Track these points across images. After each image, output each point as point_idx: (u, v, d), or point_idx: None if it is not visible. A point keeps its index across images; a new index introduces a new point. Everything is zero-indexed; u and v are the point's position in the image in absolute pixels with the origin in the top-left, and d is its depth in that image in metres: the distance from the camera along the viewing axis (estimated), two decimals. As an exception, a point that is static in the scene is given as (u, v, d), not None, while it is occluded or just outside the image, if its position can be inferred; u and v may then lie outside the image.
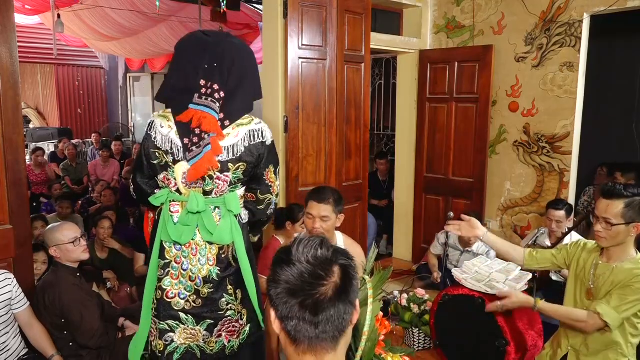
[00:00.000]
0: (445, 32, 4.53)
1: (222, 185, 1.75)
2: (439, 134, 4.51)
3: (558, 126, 3.90)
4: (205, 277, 1.77)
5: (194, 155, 1.68)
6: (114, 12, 6.43)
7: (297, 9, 3.40)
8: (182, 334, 1.79)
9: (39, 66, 9.56)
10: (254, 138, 1.74)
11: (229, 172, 1.73)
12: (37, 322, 2.39)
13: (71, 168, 6.89)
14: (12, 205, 2.63)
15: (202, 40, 1.74)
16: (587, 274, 2.10)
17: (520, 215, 4.21)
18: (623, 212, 1.89)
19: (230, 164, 1.72)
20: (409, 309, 2.94)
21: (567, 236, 3.17)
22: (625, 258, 2.00)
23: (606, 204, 1.93)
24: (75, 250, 2.49)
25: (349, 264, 0.99)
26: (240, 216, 1.85)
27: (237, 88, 1.74)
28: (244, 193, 1.87)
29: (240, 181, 1.79)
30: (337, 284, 0.95)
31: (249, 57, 1.81)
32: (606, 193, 1.94)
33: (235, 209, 1.78)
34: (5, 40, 2.55)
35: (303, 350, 0.96)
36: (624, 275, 1.97)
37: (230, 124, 1.73)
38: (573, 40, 3.75)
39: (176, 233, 1.75)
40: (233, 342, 1.84)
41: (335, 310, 0.94)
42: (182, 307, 1.78)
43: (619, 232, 1.91)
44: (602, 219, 1.93)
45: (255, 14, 6.49)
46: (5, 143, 2.59)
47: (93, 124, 10.38)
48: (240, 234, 1.80)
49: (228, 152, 1.71)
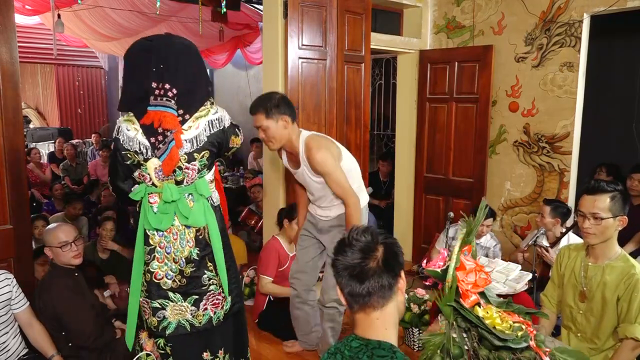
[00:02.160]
0: (445, 32, 4.53)
1: (192, 174, 1.91)
2: (439, 134, 4.51)
3: (558, 126, 3.90)
4: (187, 258, 1.95)
5: (162, 152, 1.86)
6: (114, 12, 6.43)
7: (297, 9, 3.41)
8: (172, 310, 1.97)
9: (39, 66, 9.56)
10: (214, 127, 1.90)
11: (196, 160, 1.89)
12: (37, 322, 2.38)
13: (71, 168, 6.89)
14: (12, 205, 2.63)
15: (145, 46, 1.88)
16: (577, 276, 2.12)
17: (520, 215, 4.21)
18: (609, 206, 1.95)
19: (196, 154, 1.88)
20: (409, 309, 2.94)
21: (565, 237, 3.17)
22: (613, 255, 2.03)
23: (592, 200, 1.98)
24: (64, 254, 2.44)
25: (392, 241, 1.23)
26: (212, 199, 2.02)
27: (187, 83, 1.88)
28: (212, 177, 2.02)
29: (206, 167, 1.95)
30: (380, 258, 1.19)
31: (191, 52, 1.93)
32: (591, 190, 2.01)
33: (205, 192, 1.94)
34: (5, 40, 2.55)
35: (355, 310, 1.22)
36: (616, 274, 1.98)
37: (190, 117, 1.88)
38: (573, 40, 3.75)
39: (156, 221, 1.93)
40: (218, 312, 2.03)
41: (379, 279, 1.18)
42: (170, 286, 1.96)
43: (607, 226, 1.96)
44: (590, 215, 1.98)
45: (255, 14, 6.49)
46: (5, 143, 2.59)
47: (93, 124, 10.38)
48: (212, 216, 1.97)
49: (192, 144, 1.87)
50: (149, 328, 2.02)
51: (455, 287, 1.44)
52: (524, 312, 1.51)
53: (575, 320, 2.15)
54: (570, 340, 2.17)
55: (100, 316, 2.64)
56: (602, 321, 2.04)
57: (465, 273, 1.46)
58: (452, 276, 1.44)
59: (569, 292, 2.17)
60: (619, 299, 1.98)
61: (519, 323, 1.39)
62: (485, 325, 1.32)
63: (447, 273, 1.46)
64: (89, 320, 2.49)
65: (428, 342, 1.38)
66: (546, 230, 3.33)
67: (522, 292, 2.82)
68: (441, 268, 1.52)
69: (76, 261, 2.50)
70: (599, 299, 2.03)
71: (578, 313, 2.13)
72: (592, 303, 2.06)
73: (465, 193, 4.39)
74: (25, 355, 2.38)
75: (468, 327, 1.37)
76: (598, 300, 2.04)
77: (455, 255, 1.48)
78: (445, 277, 1.47)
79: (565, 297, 2.19)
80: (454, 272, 1.44)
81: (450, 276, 1.44)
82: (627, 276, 1.95)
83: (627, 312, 1.94)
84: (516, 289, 2.75)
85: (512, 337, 1.31)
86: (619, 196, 1.97)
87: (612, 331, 2.02)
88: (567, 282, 2.18)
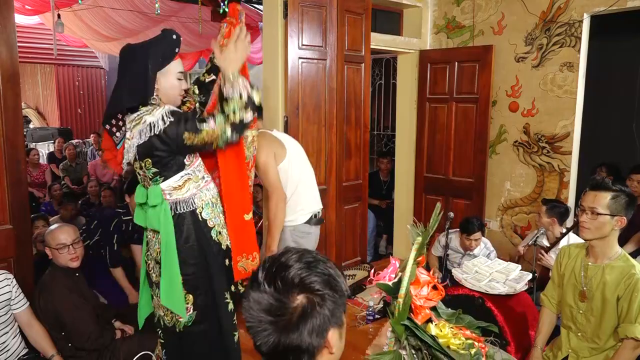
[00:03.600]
0: (445, 32, 4.53)
1: (147, 180, 1.95)
2: (439, 134, 4.51)
3: (558, 126, 3.90)
4: (156, 259, 2.01)
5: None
6: (114, 12, 6.43)
7: (297, 9, 3.40)
8: (155, 302, 2.08)
9: (39, 66, 9.55)
10: (143, 136, 1.84)
11: (143, 169, 1.92)
12: (37, 322, 2.38)
13: (71, 168, 6.88)
14: (12, 205, 2.63)
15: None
16: (577, 276, 2.12)
17: (520, 215, 4.21)
18: (609, 204, 1.97)
19: (140, 162, 1.90)
20: (409, 309, 2.93)
21: (565, 237, 3.17)
22: (613, 255, 2.03)
23: (593, 195, 2.01)
24: (61, 256, 2.44)
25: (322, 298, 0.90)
26: (180, 205, 1.95)
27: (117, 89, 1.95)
28: (178, 184, 1.95)
29: (157, 174, 1.91)
30: (298, 312, 0.88)
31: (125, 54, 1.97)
32: (594, 186, 2.03)
33: (152, 200, 1.92)
34: (5, 40, 2.55)
35: None
36: (616, 274, 1.99)
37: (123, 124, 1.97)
38: (573, 40, 3.75)
39: (137, 217, 2.06)
40: (179, 321, 2.00)
41: (299, 340, 0.88)
42: (154, 280, 2.04)
43: (604, 222, 1.97)
44: (589, 209, 2.00)
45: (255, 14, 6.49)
46: (5, 143, 2.59)
47: (93, 124, 10.37)
48: (167, 224, 1.92)
49: (129, 154, 1.91)
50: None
51: (409, 304, 1.30)
52: (474, 326, 1.38)
53: (576, 320, 2.15)
54: (571, 340, 2.17)
55: (100, 316, 2.64)
56: (603, 321, 2.04)
57: (420, 287, 1.33)
58: (406, 291, 1.29)
59: (569, 292, 2.17)
60: (619, 299, 1.98)
61: (471, 339, 1.29)
62: (439, 346, 1.22)
63: (399, 287, 1.30)
64: (89, 320, 2.49)
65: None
66: (546, 231, 3.33)
67: (522, 292, 2.82)
68: (392, 281, 1.36)
69: (74, 264, 2.48)
70: (599, 298, 2.04)
71: (578, 313, 2.13)
72: (592, 303, 2.07)
73: (465, 193, 4.39)
74: (25, 355, 2.38)
75: (419, 346, 1.26)
76: (598, 300, 2.04)
77: (409, 268, 1.32)
78: (397, 291, 1.31)
79: (565, 297, 2.19)
80: (407, 287, 1.29)
81: (403, 291, 1.29)
82: (627, 276, 1.96)
83: (627, 312, 1.94)
84: (516, 289, 2.75)
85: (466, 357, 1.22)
86: (622, 197, 1.97)
87: (613, 331, 2.02)
88: (567, 281, 2.18)
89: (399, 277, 1.33)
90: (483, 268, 3.00)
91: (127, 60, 1.93)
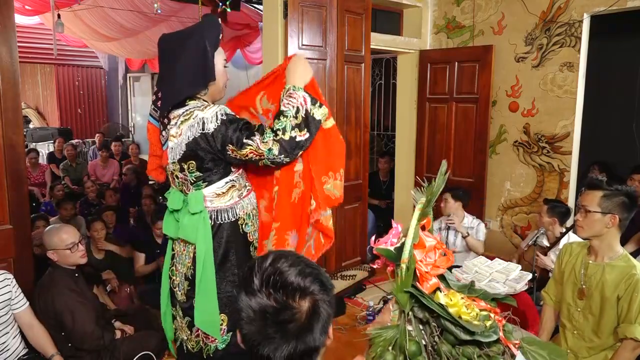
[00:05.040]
0: (445, 32, 4.53)
1: (187, 184, 1.78)
2: (439, 134, 4.51)
3: (558, 126, 3.90)
4: (185, 275, 1.83)
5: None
6: (113, 12, 6.43)
7: (297, 9, 3.40)
8: (177, 324, 1.90)
9: (39, 66, 9.54)
10: (193, 131, 1.66)
11: (185, 171, 1.74)
12: (37, 322, 2.38)
13: (71, 168, 6.88)
14: (12, 205, 2.63)
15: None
16: (577, 274, 2.13)
17: (520, 215, 4.21)
18: (600, 201, 1.99)
19: (183, 163, 1.73)
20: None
21: (565, 237, 3.16)
22: (614, 255, 2.04)
23: (587, 194, 2.05)
24: (73, 255, 2.47)
25: (321, 298, 0.91)
26: (222, 214, 1.79)
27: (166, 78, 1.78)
28: (222, 190, 1.78)
29: (200, 178, 1.74)
30: (304, 315, 0.89)
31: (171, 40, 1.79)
32: (589, 185, 2.08)
33: (193, 207, 1.74)
34: (5, 40, 2.55)
35: None
36: (616, 273, 1.99)
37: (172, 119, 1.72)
38: (573, 40, 3.75)
39: (166, 224, 1.87)
40: (209, 345, 1.83)
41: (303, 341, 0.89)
42: (179, 298, 1.87)
43: (594, 220, 1.99)
44: (582, 208, 2.04)
45: (255, 14, 6.49)
46: (5, 143, 2.59)
47: (93, 124, 10.36)
48: (206, 235, 1.74)
49: (177, 153, 1.71)
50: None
51: (413, 269, 1.16)
52: (489, 298, 1.23)
53: (572, 317, 2.15)
54: (567, 338, 2.17)
55: (100, 317, 2.64)
56: (602, 320, 2.04)
57: (425, 252, 1.18)
58: (410, 255, 1.15)
59: (568, 290, 2.17)
60: (619, 299, 1.98)
61: (486, 311, 1.14)
62: (450, 316, 1.07)
63: (402, 252, 1.17)
64: (89, 320, 2.49)
65: (378, 336, 1.11)
66: (546, 231, 3.33)
67: (522, 292, 2.82)
68: (394, 246, 1.22)
69: (83, 260, 2.54)
70: (598, 297, 2.04)
71: (576, 310, 2.13)
72: (590, 301, 2.07)
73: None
74: (25, 355, 2.38)
75: (427, 318, 1.11)
76: (597, 299, 2.04)
77: (413, 229, 1.18)
78: (399, 256, 1.17)
79: (564, 294, 2.19)
80: (411, 251, 1.16)
81: (406, 255, 1.15)
82: (628, 276, 1.96)
83: (627, 312, 1.94)
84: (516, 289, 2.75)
85: (480, 328, 1.06)
86: (617, 195, 1.98)
87: (613, 330, 2.02)
88: (567, 279, 2.19)
89: (401, 242, 1.20)
90: (483, 268, 2.99)
91: (174, 49, 1.74)
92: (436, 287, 1.15)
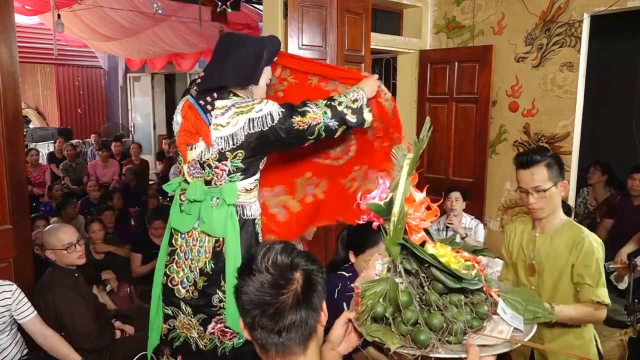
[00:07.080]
0: (445, 32, 4.53)
1: (221, 175, 1.74)
2: (439, 134, 4.51)
3: (558, 126, 3.90)
4: (201, 269, 1.77)
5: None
6: (113, 12, 6.43)
7: (297, 9, 3.40)
8: (181, 322, 1.82)
9: (39, 66, 9.54)
10: (254, 127, 1.69)
11: (227, 160, 1.72)
12: (50, 330, 2.29)
13: (71, 168, 6.88)
14: (12, 205, 2.63)
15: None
16: (525, 251, 2.05)
17: (520, 215, 4.21)
18: (548, 175, 1.87)
19: (228, 153, 1.71)
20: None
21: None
22: (558, 223, 1.96)
23: (530, 173, 1.89)
24: (70, 255, 2.45)
25: (312, 269, 1.01)
26: (248, 210, 1.81)
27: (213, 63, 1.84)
28: (252, 186, 1.81)
29: (239, 170, 1.75)
30: (298, 291, 0.98)
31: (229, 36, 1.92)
32: (524, 163, 1.90)
33: (229, 199, 1.74)
34: (5, 40, 2.55)
35: (272, 356, 1.00)
36: (565, 240, 1.92)
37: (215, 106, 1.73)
38: (573, 40, 3.74)
39: (178, 220, 1.81)
40: (226, 343, 1.80)
41: (298, 317, 0.97)
42: (182, 295, 1.80)
43: (552, 195, 1.89)
44: (533, 190, 1.89)
45: (255, 14, 6.49)
46: (5, 143, 2.59)
47: (93, 124, 10.37)
48: (235, 229, 1.75)
49: (227, 142, 1.70)
50: (162, 335, 1.88)
51: (404, 221, 1.17)
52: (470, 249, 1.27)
53: None
54: None
55: (100, 317, 2.64)
56: (556, 294, 1.95)
57: (414, 206, 1.20)
58: (401, 208, 1.17)
59: (520, 269, 2.08)
60: (574, 266, 1.89)
61: (470, 261, 1.18)
62: (442, 265, 1.11)
63: (391, 206, 1.18)
64: (89, 320, 2.49)
65: (367, 290, 1.13)
66: None
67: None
68: (384, 201, 1.23)
69: (81, 261, 2.51)
70: (550, 269, 1.96)
71: (531, 289, 2.00)
72: (543, 277, 1.98)
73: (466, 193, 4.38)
74: (26, 355, 2.37)
75: (415, 270, 1.14)
76: (549, 272, 1.96)
77: (403, 182, 1.19)
78: (389, 211, 1.19)
79: (518, 276, 2.10)
80: (402, 204, 1.18)
81: (397, 208, 1.17)
82: (578, 240, 1.88)
83: (586, 277, 1.85)
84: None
85: (469, 276, 1.12)
86: (554, 162, 1.89)
87: (569, 300, 1.93)
88: (516, 258, 2.09)
89: (390, 197, 1.21)
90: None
91: (232, 43, 1.84)
92: (423, 241, 1.20)
